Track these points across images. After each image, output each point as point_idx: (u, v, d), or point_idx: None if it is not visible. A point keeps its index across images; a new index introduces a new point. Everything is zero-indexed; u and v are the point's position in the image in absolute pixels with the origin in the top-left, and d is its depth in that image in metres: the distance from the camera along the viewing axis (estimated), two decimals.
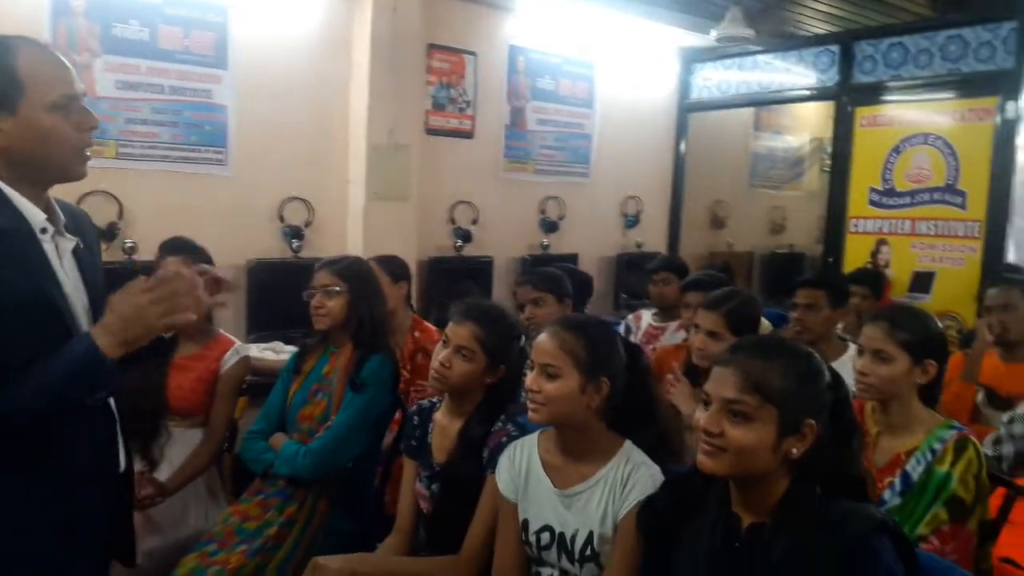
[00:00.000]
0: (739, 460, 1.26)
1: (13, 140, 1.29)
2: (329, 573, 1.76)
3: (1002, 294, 2.96)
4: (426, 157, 4.05)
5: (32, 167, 1.33)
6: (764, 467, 1.27)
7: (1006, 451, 2.40)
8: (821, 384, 1.31)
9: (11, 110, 1.28)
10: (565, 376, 1.59)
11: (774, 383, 1.26)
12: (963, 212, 3.83)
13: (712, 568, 1.31)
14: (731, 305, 2.31)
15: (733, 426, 1.26)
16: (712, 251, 5.66)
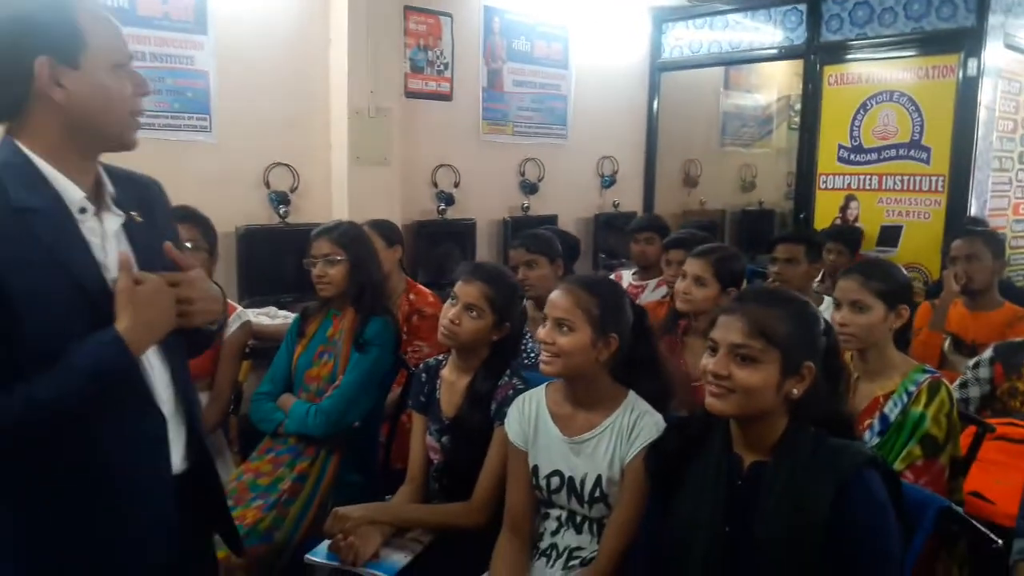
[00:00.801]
0: (746, 400, 1.38)
1: (73, 99, 1.19)
2: (350, 521, 1.86)
3: (966, 245, 3.11)
4: (406, 120, 4.07)
5: (88, 132, 1.22)
6: (767, 407, 1.39)
7: (972, 394, 2.57)
8: (818, 329, 1.44)
9: (73, 63, 1.18)
10: (578, 330, 1.70)
11: (777, 328, 1.37)
12: (927, 167, 3.97)
13: (716, 504, 1.42)
14: (718, 255, 2.45)
15: (740, 368, 1.38)
16: (685, 209, 5.77)
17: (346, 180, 3.77)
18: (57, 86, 1.17)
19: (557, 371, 1.74)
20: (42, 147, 1.19)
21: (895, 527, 1.34)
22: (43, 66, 1.16)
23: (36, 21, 1.17)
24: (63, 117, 1.19)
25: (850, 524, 1.30)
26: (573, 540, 1.78)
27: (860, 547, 1.31)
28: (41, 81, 1.16)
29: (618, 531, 1.69)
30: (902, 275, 2.10)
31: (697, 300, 2.40)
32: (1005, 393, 2.49)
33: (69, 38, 1.18)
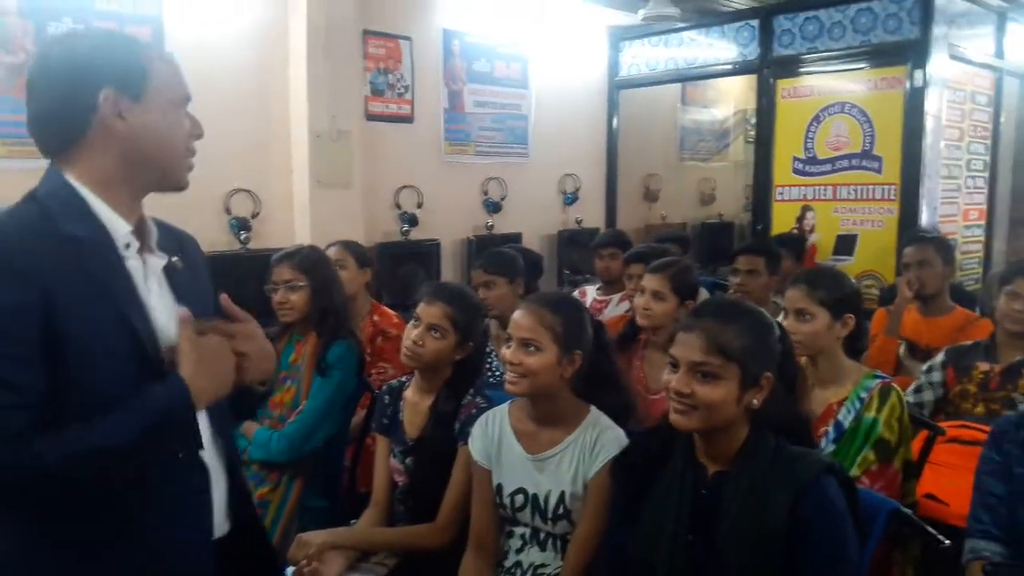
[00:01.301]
0: (708, 415, 1.40)
1: (133, 132, 1.16)
2: (313, 547, 1.85)
3: (918, 251, 3.19)
4: (368, 143, 4.09)
5: (143, 167, 1.19)
6: (730, 419, 1.42)
7: (926, 398, 2.63)
8: (773, 339, 1.48)
9: (135, 96, 1.15)
10: (545, 350, 1.71)
11: (734, 343, 1.40)
12: (880, 176, 4.07)
13: (681, 514, 1.44)
14: (674, 269, 2.50)
15: (701, 385, 1.40)
16: (647, 224, 5.84)
17: (308, 204, 3.77)
18: (119, 118, 1.14)
19: (524, 391, 1.75)
20: (92, 181, 1.15)
21: (852, 533, 1.38)
22: (107, 97, 1.13)
23: (102, 52, 1.15)
24: (120, 151, 1.16)
25: (808, 530, 1.33)
26: (537, 557, 1.79)
27: (818, 552, 1.34)
28: (104, 112, 1.13)
29: (581, 546, 1.70)
30: (849, 284, 2.15)
31: (657, 315, 2.44)
32: (957, 396, 2.55)
33: (133, 70, 1.16)
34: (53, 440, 1.02)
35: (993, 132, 4.65)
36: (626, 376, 2.01)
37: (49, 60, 1.15)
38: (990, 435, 1.75)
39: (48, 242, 1.08)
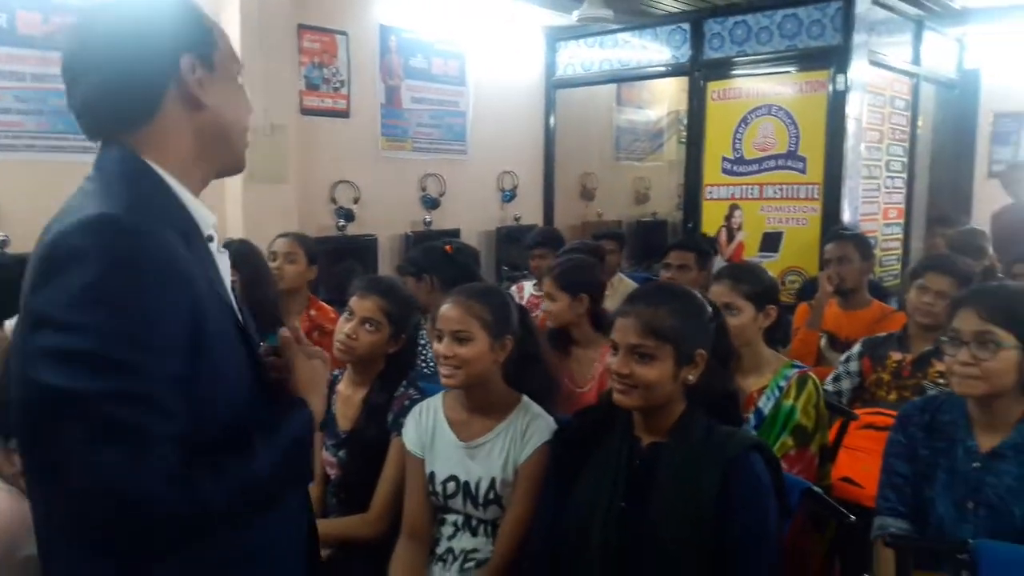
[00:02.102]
0: (648, 393, 1.50)
1: (213, 106, 1.00)
2: None
3: (838, 248, 3.34)
4: (303, 137, 4.06)
5: (217, 149, 1.04)
6: (668, 395, 1.51)
7: (844, 386, 2.75)
8: (705, 318, 1.56)
9: (210, 65, 1.00)
10: (476, 339, 1.75)
11: (666, 324, 1.49)
12: (804, 176, 4.21)
13: (616, 483, 1.52)
14: (559, 270, 2.58)
15: (639, 366, 1.49)
16: (584, 221, 5.93)
17: (240, 198, 3.72)
18: (200, 88, 0.98)
19: (461, 382, 1.78)
20: (170, 165, 0.98)
21: (774, 506, 1.46)
22: (188, 65, 0.97)
23: (172, 12, 0.99)
24: (196, 128, 1.00)
25: (735, 502, 1.42)
26: (469, 543, 1.82)
27: (742, 523, 1.42)
28: (185, 82, 0.97)
29: (512, 530, 1.74)
30: (768, 277, 2.25)
31: (553, 314, 2.53)
32: (873, 384, 2.68)
33: (205, 34, 1.00)
34: (210, 474, 0.87)
35: (911, 135, 4.86)
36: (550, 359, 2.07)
37: (107, 24, 0.96)
38: (897, 419, 1.85)
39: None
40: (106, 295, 0.82)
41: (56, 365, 0.80)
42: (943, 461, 1.74)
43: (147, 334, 0.84)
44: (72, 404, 0.80)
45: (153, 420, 0.82)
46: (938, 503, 1.72)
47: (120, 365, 0.81)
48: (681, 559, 1.42)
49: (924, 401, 1.86)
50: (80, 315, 0.81)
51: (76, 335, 0.81)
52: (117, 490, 0.80)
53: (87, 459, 0.80)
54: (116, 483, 0.80)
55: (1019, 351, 1.63)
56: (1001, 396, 1.67)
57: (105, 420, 0.80)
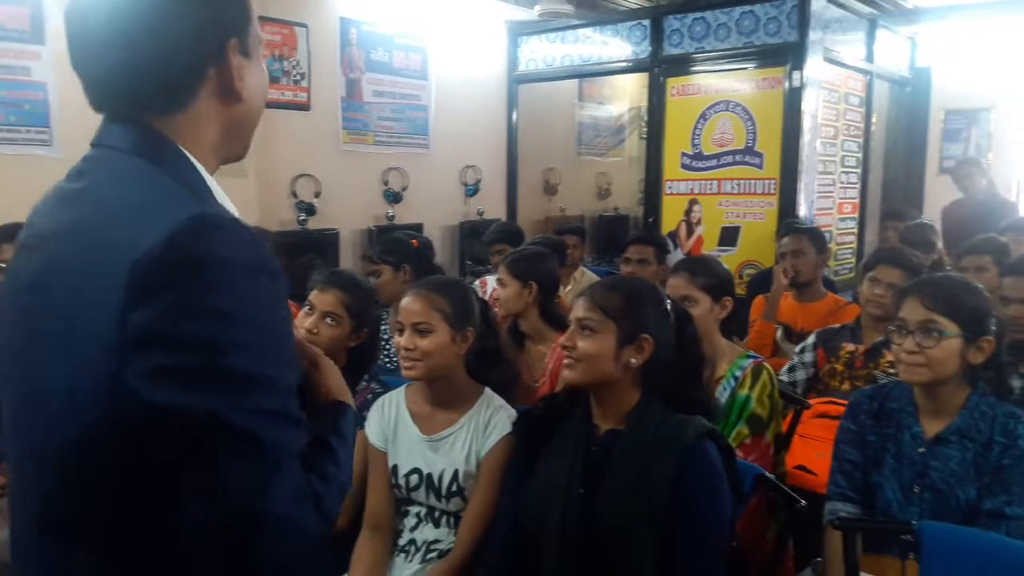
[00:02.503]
0: (589, 366, 1.54)
1: (247, 100, 0.91)
2: None
3: (793, 242, 3.42)
4: (262, 130, 3.93)
5: (238, 139, 0.95)
6: (610, 374, 1.55)
7: (799, 377, 2.82)
8: (654, 308, 1.60)
9: (246, 50, 0.90)
10: (437, 331, 1.77)
11: (613, 302, 1.56)
12: (761, 171, 4.29)
13: (573, 468, 1.56)
14: (513, 257, 2.60)
15: (583, 339, 1.55)
16: (547, 216, 5.96)
17: None
18: (239, 78, 0.89)
19: (421, 375, 1.80)
20: (198, 154, 0.89)
21: (727, 492, 1.51)
22: (233, 51, 0.88)
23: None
24: (226, 116, 0.90)
25: (688, 487, 1.46)
26: (431, 534, 1.84)
27: (696, 507, 1.46)
28: (228, 67, 0.88)
29: (474, 521, 1.76)
30: (723, 269, 2.30)
31: (502, 300, 2.53)
32: (826, 374, 2.75)
33: (248, 14, 0.90)
34: (323, 485, 0.84)
35: (865, 131, 4.97)
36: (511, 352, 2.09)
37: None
38: (847, 407, 1.91)
39: None
40: (235, 306, 0.76)
41: (187, 385, 0.73)
42: (891, 447, 1.80)
43: (274, 345, 0.80)
44: (211, 426, 0.74)
45: (287, 436, 0.79)
46: (886, 487, 1.79)
47: (256, 380, 0.77)
48: (636, 544, 1.46)
49: (873, 389, 1.92)
50: (209, 329, 0.74)
51: (205, 352, 0.74)
52: (259, 510, 0.76)
53: (232, 482, 0.76)
54: (258, 503, 0.76)
55: (961, 339, 1.69)
56: (945, 383, 1.73)
57: (248, 440, 0.75)
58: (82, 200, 0.82)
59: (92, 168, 0.85)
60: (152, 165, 0.83)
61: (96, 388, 0.74)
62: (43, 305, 0.79)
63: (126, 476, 0.76)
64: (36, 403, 0.80)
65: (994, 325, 1.75)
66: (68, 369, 0.76)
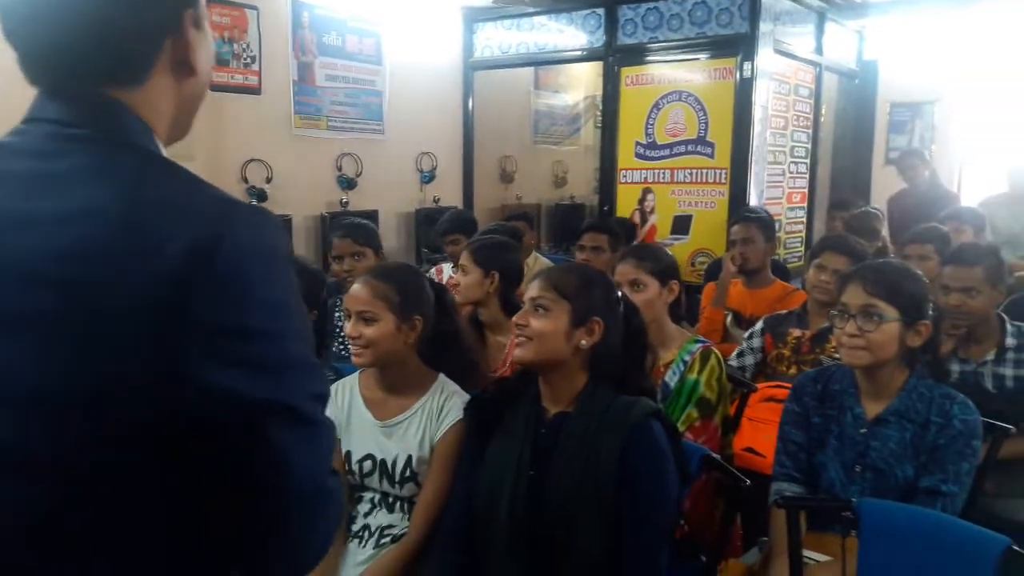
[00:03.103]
0: (540, 345, 1.56)
1: (201, 73, 0.87)
2: None
3: (742, 230, 3.49)
4: (211, 114, 3.95)
5: (186, 118, 0.92)
6: (560, 354, 1.57)
7: (748, 362, 2.88)
8: (606, 293, 1.63)
9: (199, 23, 0.86)
10: (381, 319, 1.77)
11: (567, 283, 1.59)
12: (712, 161, 4.35)
13: (523, 450, 1.58)
14: (476, 244, 2.60)
15: (536, 318, 1.58)
16: (503, 204, 5.95)
17: None
18: (191, 50, 0.85)
19: (368, 362, 1.80)
20: (158, 134, 0.85)
21: (673, 471, 1.54)
22: (189, 22, 0.84)
23: None
24: (179, 96, 0.87)
25: (634, 467, 1.49)
26: (385, 519, 1.84)
27: (642, 486, 1.49)
28: (186, 43, 0.84)
29: (428, 506, 1.77)
30: (668, 256, 2.36)
31: (463, 288, 2.51)
32: (774, 359, 2.81)
33: None
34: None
35: (814, 122, 5.07)
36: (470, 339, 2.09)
37: None
38: (792, 390, 1.96)
39: None
40: (283, 295, 0.79)
41: (253, 375, 0.75)
42: (834, 428, 1.86)
43: (307, 330, 0.83)
44: (279, 414, 0.76)
45: (325, 417, 0.82)
46: (829, 467, 1.84)
47: (309, 366, 0.81)
48: (585, 524, 1.48)
49: (816, 372, 1.97)
50: (270, 319, 0.77)
51: (268, 341, 0.77)
52: (326, 490, 0.82)
53: (300, 467, 0.78)
54: (323, 483, 0.82)
55: (900, 323, 1.75)
56: (884, 366, 1.79)
57: (310, 423, 0.79)
58: (74, 185, 0.75)
59: (64, 149, 0.77)
60: (134, 145, 0.80)
61: (142, 384, 0.71)
62: (54, 298, 0.72)
63: (169, 473, 0.76)
64: (27, 406, 0.73)
65: (931, 310, 1.81)
66: (92, 366, 0.71)
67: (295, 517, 0.80)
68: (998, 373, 2.35)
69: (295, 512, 0.80)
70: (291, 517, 0.80)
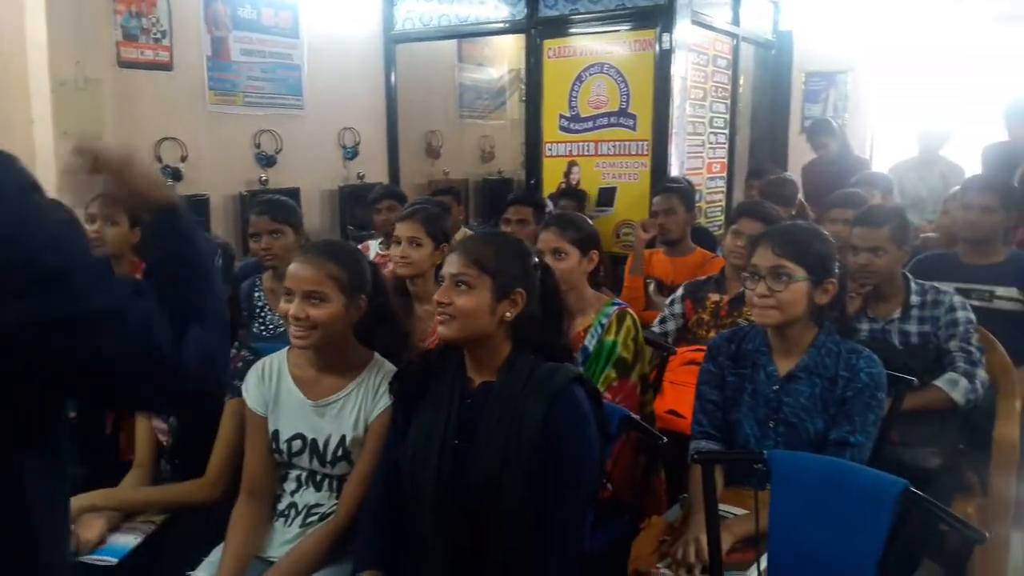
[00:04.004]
0: (466, 323, 1.55)
1: None
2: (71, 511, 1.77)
3: (664, 201, 3.56)
4: (122, 92, 3.79)
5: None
6: (486, 328, 1.57)
7: (670, 327, 2.95)
8: (528, 263, 1.64)
9: None
10: (332, 300, 1.73)
11: (488, 257, 1.57)
12: (634, 133, 4.40)
13: (448, 420, 1.59)
14: (424, 214, 2.54)
15: (459, 295, 1.56)
16: (431, 179, 5.91)
17: (52, 157, 3.44)
18: None
19: (314, 343, 1.75)
20: None
21: (595, 433, 1.57)
22: None
23: None
24: None
25: (558, 430, 1.52)
26: (312, 498, 1.83)
27: (565, 449, 1.52)
28: None
29: (359, 483, 1.76)
30: (589, 226, 2.39)
31: (415, 260, 2.47)
32: (695, 324, 2.89)
33: None
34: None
35: (732, 93, 5.16)
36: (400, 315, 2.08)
37: None
38: (707, 350, 2.02)
39: None
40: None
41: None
42: (748, 386, 1.92)
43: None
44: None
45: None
46: (744, 424, 1.91)
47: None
48: (510, 491, 1.50)
49: (731, 333, 2.03)
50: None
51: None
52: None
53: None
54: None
55: (808, 282, 1.82)
56: (794, 324, 1.86)
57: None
58: None
59: None
60: None
61: None
62: None
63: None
64: None
65: (838, 269, 1.89)
66: None
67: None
68: (904, 330, 2.47)
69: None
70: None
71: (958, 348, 2.34)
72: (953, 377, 2.30)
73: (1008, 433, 2.26)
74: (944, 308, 2.41)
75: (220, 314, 1.02)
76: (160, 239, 1.05)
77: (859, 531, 1.42)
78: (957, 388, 2.27)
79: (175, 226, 1.05)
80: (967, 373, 2.29)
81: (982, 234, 2.83)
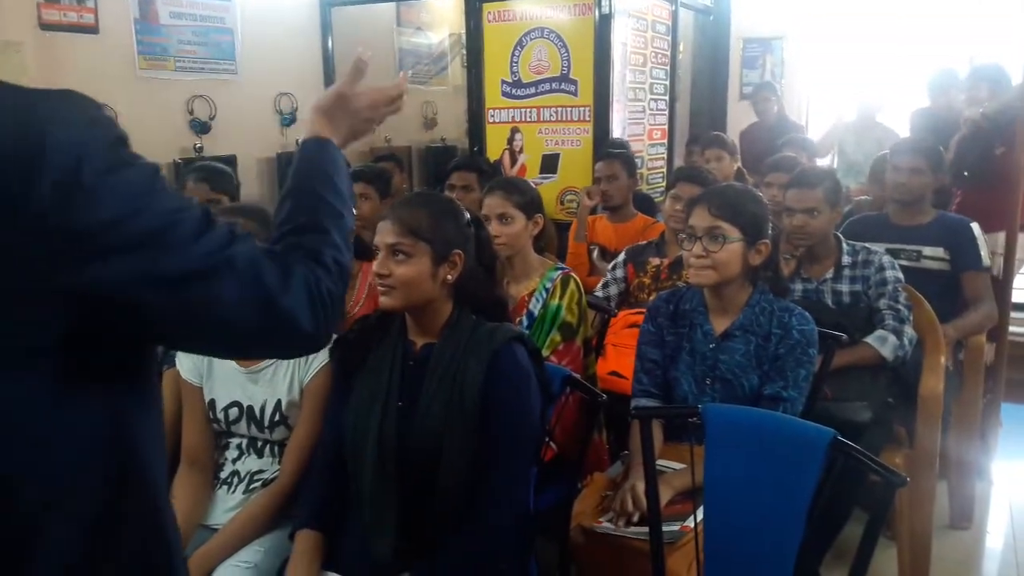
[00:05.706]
0: (407, 292, 1.55)
1: None
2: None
3: (606, 167, 3.59)
4: (44, 56, 3.64)
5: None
6: (428, 295, 1.57)
7: (612, 292, 2.99)
8: (461, 221, 1.63)
9: None
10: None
11: (423, 224, 1.55)
12: (576, 99, 4.39)
13: (391, 382, 1.59)
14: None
15: (398, 265, 1.55)
16: (372, 147, 5.82)
17: None
18: None
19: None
20: None
21: (536, 390, 1.60)
22: None
23: None
24: None
25: (499, 388, 1.54)
26: (255, 464, 1.83)
27: (505, 405, 1.54)
28: None
29: (299, 448, 1.76)
30: (533, 190, 2.40)
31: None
32: (636, 288, 2.93)
33: None
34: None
35: (672, 59, 5.19)
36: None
37: None
38: (647, 312, 2.06)
39: None
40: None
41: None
42: (685, 344, 1.97)
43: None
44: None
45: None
46: (682, 381, 1.96)
47: None
48: (453, 449, 1.52)
49: (669, 293, 2.08)
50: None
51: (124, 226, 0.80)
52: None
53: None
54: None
55: (743, 243, 1.86)
56: (729, 284, 1.91)
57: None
58: None
59: None
60: None
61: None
62: None
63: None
64: None
65: (771, 230, 1.94)
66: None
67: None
68: (836, 289, 2.55)
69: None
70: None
71: (887, 306, 2.43)
72: (882, 334, 2.38)
73: (933, 387, 2.36)
74: (874, 268, 2.50)
75: (345, 256, 1.00)
76: (318, 163, 1.10)
77: (790, 481, 1.48)
78: (886, 344, 2.36)
79: (336, 155, 1.12)
80: (895, 330, 2.38)
81: (911, 195, 2.92)
